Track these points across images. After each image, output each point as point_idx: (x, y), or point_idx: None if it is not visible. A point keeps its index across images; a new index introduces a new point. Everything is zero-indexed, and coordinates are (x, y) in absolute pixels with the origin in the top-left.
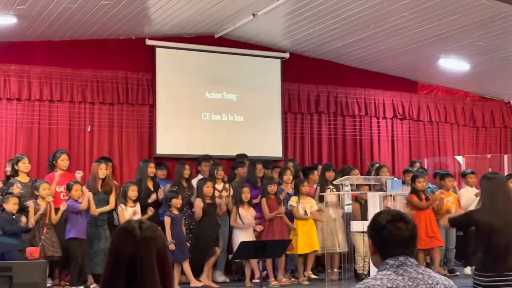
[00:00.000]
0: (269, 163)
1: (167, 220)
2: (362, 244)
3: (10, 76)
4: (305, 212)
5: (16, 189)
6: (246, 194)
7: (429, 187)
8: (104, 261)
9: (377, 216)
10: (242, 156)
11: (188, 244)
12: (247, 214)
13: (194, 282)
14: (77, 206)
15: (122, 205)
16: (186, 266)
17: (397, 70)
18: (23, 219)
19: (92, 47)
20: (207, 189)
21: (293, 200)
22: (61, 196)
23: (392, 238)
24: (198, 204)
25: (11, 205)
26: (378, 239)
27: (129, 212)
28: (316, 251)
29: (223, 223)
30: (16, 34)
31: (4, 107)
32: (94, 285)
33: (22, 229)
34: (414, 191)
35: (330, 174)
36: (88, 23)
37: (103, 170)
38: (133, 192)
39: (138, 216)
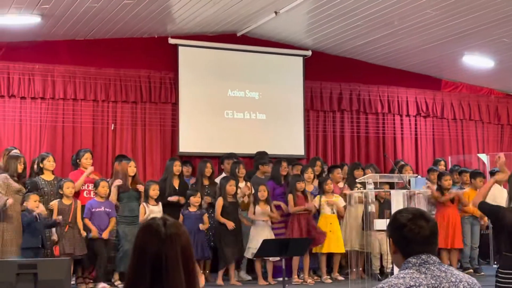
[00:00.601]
0: (293, 161)
1: (180, 218)
2: (377, 244)
3: (34, 75)
4: (332, 210)
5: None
6: (262, 192)
7: (454, 185)
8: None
9: (397, 214)
10: (263, 153)
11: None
12: (263, 210)
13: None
14: (96, 207)
15: (144, 203)
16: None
17: (421, 67)
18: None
19: (115, 46)
20: (230, 187)
21: (315, 200)
22: (85, 194)
23: (414, 236)
24: (219, 203)
25: (31, 203)
26: (399, 238)
27: (151, 210)
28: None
29: (242, 222)
30: (40, 34)
31: (29, 106)
32: (118, 282)
33: (30, 219)
34: (440, 189)
35: (358, 173)
36: (111, 22)
37: (132, 168)
38: (154, 191)
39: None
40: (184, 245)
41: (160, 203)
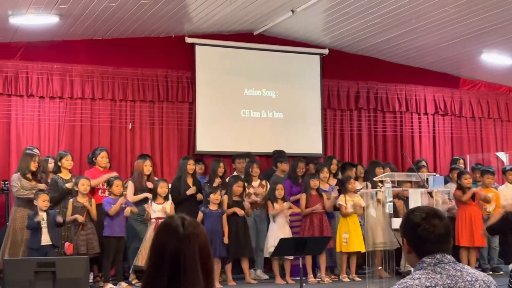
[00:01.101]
0: (312, 160)
1: (199, 215)
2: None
3: (52, 75)
4: (354, 209)
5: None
6: (279, 190)
7: (475, 184)
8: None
9: (410, 214)
10: (280, 152)
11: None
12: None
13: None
14: (113, 202)
15: (150, 201)
16: (217, 265)
17: (439, 65)
18: (39, 216)
19: (133, 45)
20: (237, 188)
21: (341, 199)
22: (99, 193)
23: (428, 235)
24: (225, 200)
25: (40, 202)
26: (413, 238)
27: (154, 208)
28: (359, 252)
29: (259, 220)
30: (58, 33)
31: (47, 105)
32: (136, 281)
33: (33, 225)
34: (460, 187)
35: (379, 171)
36: (129, 21)
37: (148, 167)
38: (161, 189)
39: (164, 214)
40: (202, 244)
41: (168, 202)
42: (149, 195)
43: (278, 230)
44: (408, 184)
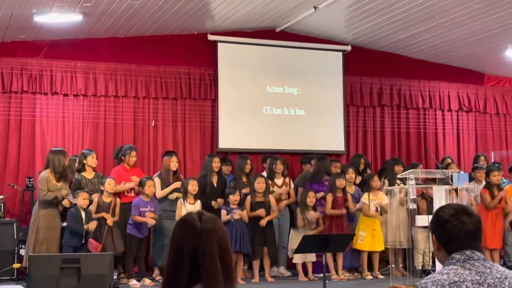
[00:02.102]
0: (335, 160)
1: (223, 213)
2: (424, 240)
3: (76, 73)
4: (376, 209)
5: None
6: (311, 198)
7: (504, 182)
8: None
9: (439, 211)
10: (308, 154)
11: None
12: (311, 218)
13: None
14: (143, 207)
15: (181, 199)
16: (239, 261)
17: (463, 62)
18: (90, 224)
19: (155, 43)
20: (258, 185)
21: (365, 197)
22: (125, 193)
23: (457, 232)
24: (247, 202)
25: (81, 200)
26: (442, 234)
27: (188, 209)
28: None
29: (282, 217)
30: (82, 31)
31: (71, 103)
32: (159, 277)
33: (81, 230)
34: (488, 186)
35: (399, 168)
36: (151, 19)
37: (174, 163)
38: (192, 186)
39: None
40: (220, 240)
41: (198, 201)
42: (178, 185)
43: (301, 234)
44: (432, 182)
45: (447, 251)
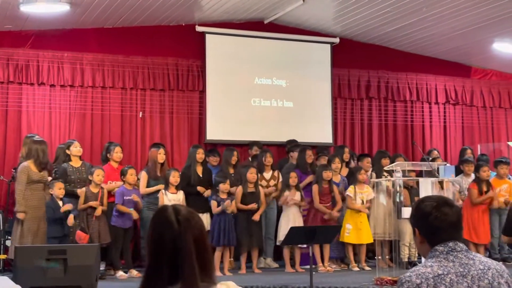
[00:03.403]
0: (322, 150)
1: (213, 204)
2: (408, 232)
3: (63, 63)
4: (362, 201)
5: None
6: (293, 178)
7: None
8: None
9: (420, 203)
10: (292, 142)
11: None
12: (294, 197)
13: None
14: (127, 194)
15: (163, 190)
16: (226, 253)
17: (450, 55)
18: (65, 206)
19: (143, 34)
20: (251, 175)
21: (350, 190)
22: (111, 192)
23: (441, 223)
24: (238, 192)
25: (57, 190)
26: (425, 227)
27: (169, 198)
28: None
29: (269, 209)
30: (69, 22)
31: (58, 93)
32: None
33: (59, 215)
34: (477, 181)
35: (385, 161)
36: (139, 9)
37: (162, 155)
38: (173, 178)
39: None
40: (197, 234)
41: (181, 191)
42: (162, 187)
43: (291, 219)
44: (413, 173)
45: (431, 243)
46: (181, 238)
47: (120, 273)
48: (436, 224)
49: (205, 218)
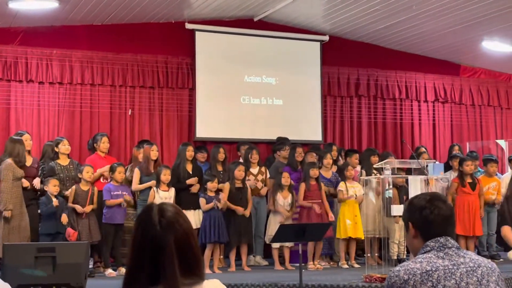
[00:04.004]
0: (313, 147)
1: (201, 201)
2: (397, 230)
3: (52, 60)
4: (355, 196)
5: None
6: (286, 178)
7: (479, 171)
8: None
9: (413, 199)
10: (284, 139)
11: None
12: (285, 200)
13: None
14: (114, 190)
15: (154, 188)
16: (216, 250)
17: (439, 53)
18: (54, 202)
19: (133, 31)
20: (238, 172)
21: (341, 185)
22: (101, 180)
23: (434, 217)
24: (226, 188)
25: (51, 187)
26: (419, 220)
27: (161, 195)
28: (357, 239)
29: (259, 207)
30: (58, 19)
31: (47, 91)
32: None
33: (52, 209)
34: (460, 175)
35: (375, 159)
36: (129, 7)
37: (155, 152)
38: (165, 176)
39: (170, 201)
40: (180, 234)
41: (172, 189)
42: (153, 184)
43: (280, 217)
44: (402, 172)
45: (424, 237)
46: (162, 239)
47: (109, 271)
48: (431, 217)
49: (197, 214)
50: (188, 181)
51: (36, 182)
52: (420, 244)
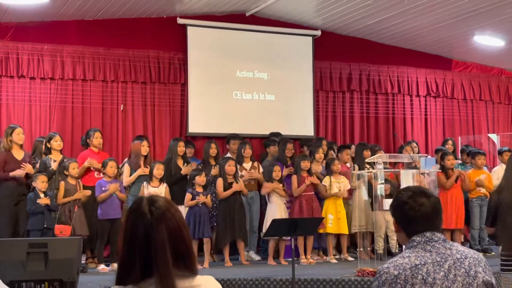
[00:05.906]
0: (305, 142)
1: (187, 196)
2: (384, 223)
3: (43, 56)
4: (340, 190)
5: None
6: (277, 172)
7: (462, 164)
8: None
9: (398, 193)
10: (276, 134)
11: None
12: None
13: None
14: (105, 186)
15: (145, 182)
16: (207, 245)
17: (431, 47)
18: (42, 200)
19: (124, 26)
20: (229, 167)
21: (325, 180)
22: (95, 175)
23: (415, 214)
24: (219, 183)
25: (40, 183)
26: (401, 216)
27: (150, 191)
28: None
29: (252, 201)
30: (49, 14)
31: (38, 86)
32: None
33: (39, 209)
34: (442, 169)
35: (367, 153)
36: (120, 2)
37: (145, 147)
38: (157, 170)
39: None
40: (172, 227)
41: (163, 185)
42: (143, 171)
43: (276, 211)
44: (396, 165)
45: (407, 233)
46: (154, 229)
47: (102, 266)
48: (411, 214)
49: None
50: (183, 172)
51: (29, 168)
52: (405, 238)
